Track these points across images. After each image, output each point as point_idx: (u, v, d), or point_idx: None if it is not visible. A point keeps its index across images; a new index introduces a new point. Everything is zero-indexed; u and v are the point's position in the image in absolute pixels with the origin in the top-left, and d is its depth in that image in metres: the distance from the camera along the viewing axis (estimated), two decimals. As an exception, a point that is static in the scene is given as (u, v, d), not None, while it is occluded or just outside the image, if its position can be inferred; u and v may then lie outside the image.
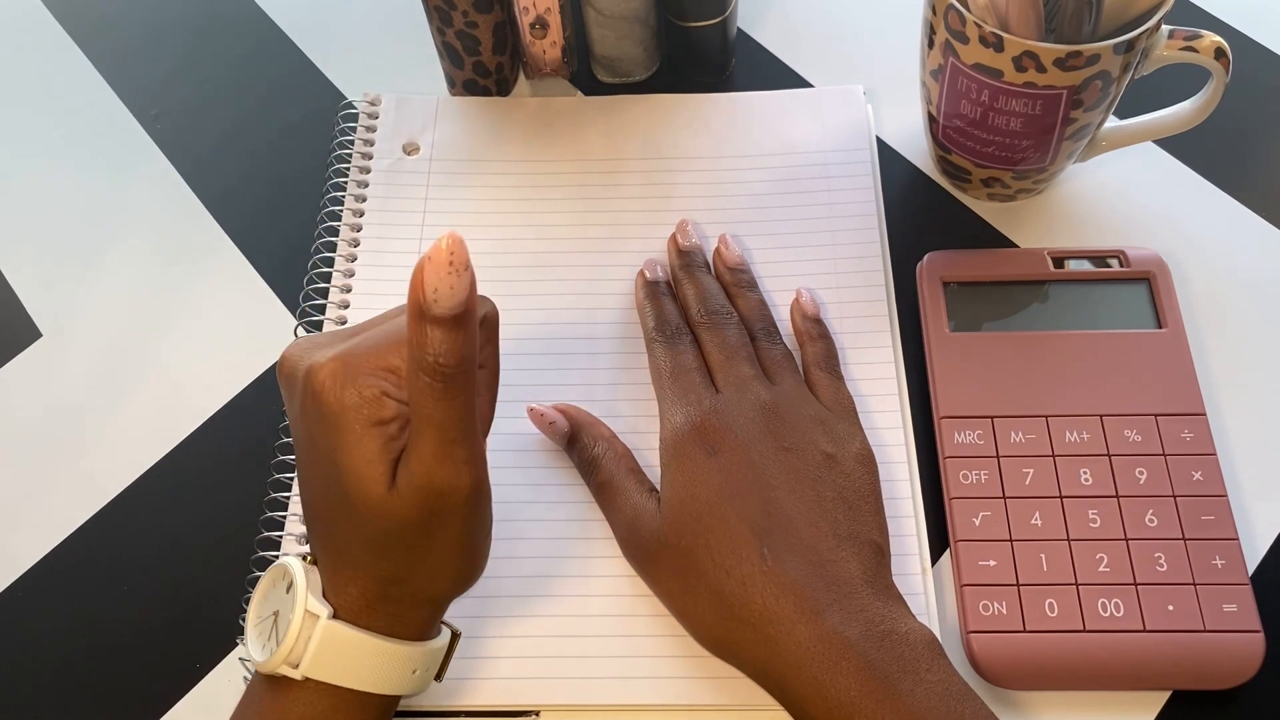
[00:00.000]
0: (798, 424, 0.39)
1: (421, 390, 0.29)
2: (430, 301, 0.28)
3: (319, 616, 0.31)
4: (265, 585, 0.34)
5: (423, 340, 0.29)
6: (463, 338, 0.29)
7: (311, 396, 0.31)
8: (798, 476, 0.37)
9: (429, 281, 0.28)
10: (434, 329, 0.29)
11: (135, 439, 0.45)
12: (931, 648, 0.34)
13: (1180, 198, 0.49)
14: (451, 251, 0.28)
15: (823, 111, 0.51)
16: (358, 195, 0.50)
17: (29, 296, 0.49)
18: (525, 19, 0.50)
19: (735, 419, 0.38)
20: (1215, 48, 0.41)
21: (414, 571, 0.32)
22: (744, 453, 0.37)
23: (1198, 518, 0.39)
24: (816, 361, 0.43)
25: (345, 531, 0.32)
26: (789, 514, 0.36)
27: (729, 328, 0.42)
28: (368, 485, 0.30)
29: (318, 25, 0.58)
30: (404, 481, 0.30)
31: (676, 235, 0.47)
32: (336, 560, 0.33)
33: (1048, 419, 0.41)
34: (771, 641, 0.34)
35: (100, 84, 0.57)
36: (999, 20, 0.41)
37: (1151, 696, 0.37)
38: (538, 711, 0.38)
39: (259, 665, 0.32)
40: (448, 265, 0.28)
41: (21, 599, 0.41)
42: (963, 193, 0.49)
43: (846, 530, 0.36)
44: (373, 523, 0.31)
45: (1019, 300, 0.44)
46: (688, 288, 0.44)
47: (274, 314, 0.48)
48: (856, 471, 0.38)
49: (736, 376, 0.40)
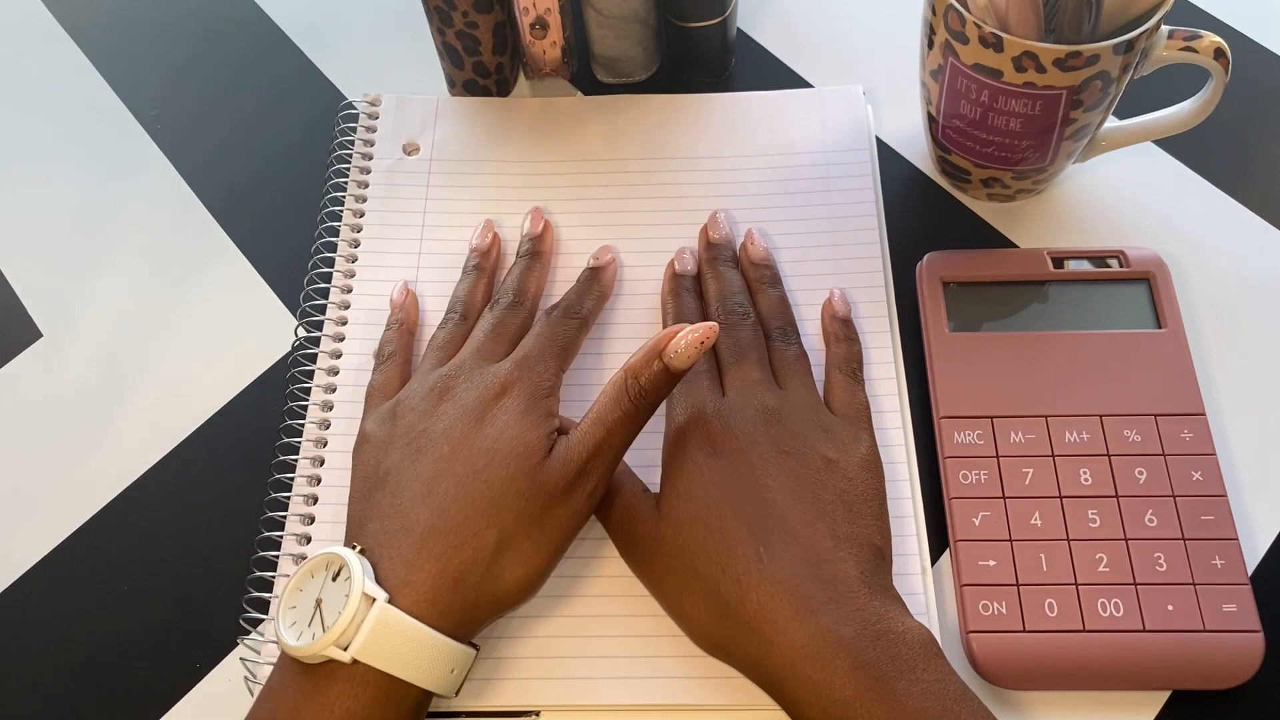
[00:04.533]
0: (800, 429, 0.39)
1: (613, 402, 0.37)
2: (672, 353, 0.36)
3: (375, 600, 0.33)
4: (302, 576, 0.35)
5: (643, 370, 0.36)
6: (669, 389, 0.37)
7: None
8: (797, 479, 0.37)
9: (684, 345, 0.36)
10: (659, 369, 0.36)
11: (135, 439, 0.45)
12: (929, 647, 0.34)
13: (1180, 198, 0.49)
14: (709, 339, 0.36)
15: (823, 112, 0.51)
16: (358, 195, 0.50)
17: (29, 296, 0.49)
18: (525, 19, 0.50)
19: (738, 422, 0.38)
20: (1215, 48, 0.41)
21: (512, 544, 0.35)
22: (744, 454, 0.38)
23: (1197, 518, 0.39)
24: (838, 363, 0.43)
25: (474, 494, 0.35)
26: (786, 515, 0.36)
27: (744, 328, 0.42)
28: (531, 450, 0.36)
29: (318, 26, 0.58)
30: (560, 452, 0.36)
31: (708, 227, 0.47)
32: (423, 544, 0.34)
33: (1047, 419, 0.41)
34: (766, 641, 0.34)
35: (101, 84, 0.57)
36: (999, 20, 0.41)
37: (1151, 696, 0.37)
38: (538, 711, 0.38)
39: (299, 651, 0.32)
40: (700, 345, 0.36)
41: (21, 599, 0.41)
42: (963, 193, 0.49)
43: (845, 532, 0.36)
44: (516, 482, 0.35)
45: (1019, 300, 0.44)
46: (711, 283, 0.45)
47: (274, 314, 0.48)
48: (859, 476, 0.38)
49: (744, 380, 0.40)
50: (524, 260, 0.46)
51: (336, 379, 0.45)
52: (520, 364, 0.39)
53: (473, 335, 0.42)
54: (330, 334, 0.46)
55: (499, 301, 0.43)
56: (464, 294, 0.45)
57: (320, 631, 0.32)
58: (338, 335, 0.46)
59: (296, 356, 0.46)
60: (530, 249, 0.46)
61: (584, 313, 0.43)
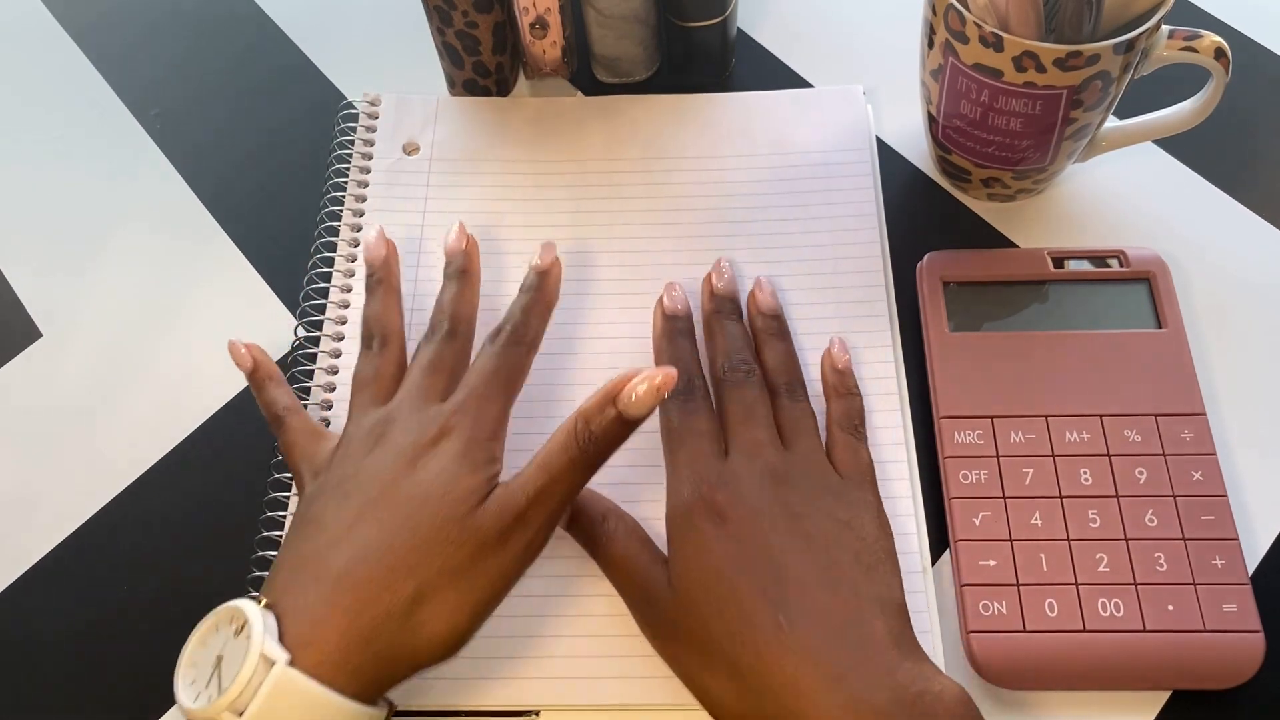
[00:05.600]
0: (809, 491, 0.37)
1: (560, 447, 0.35)
2: (628, 402, 0.34)
3: (275, 662, 0.30)
4: (207, 628, 0.33)
5: (594, 416, 0.34)
6: (623, 438, 0.35)
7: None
8: (810, 542, 0.35)
9: (642, 392, 0.34)
10: (613, 416, 0.34)
11: (135, 439, 0.45)
12: (966, 706, 0.32)
13: (1180, 198, 0.49)
14: (666, 386, 0.34)
15: (823, 112, 0.51)
16: (358, 195, 0.50)
17: (29, 296, 0.49)
18: (525, 19, 0.50)
19: (744, 487, 0.37)
20: (1215, 48, 0.41)
21: (433, 597, 0.33)
22: (753, 521, 0.36)
23: (1198, 518, 0.39)
24: (839, 420, 0.41)
25: (396, 541, 0.33)
26: (804, 579, 0.34)
27: (749, 386, 0.40)
28: (466, 495, 0.34)
29: (318, 25, 0.58)
30: (498, 498, 0.34)
31: (712, 275, 0.45)
32: (333, 595, 0.32)
33: (1048, 419, 0.41)
34: (795, 714, 0.32)
35: (100, 83, 0.57)
36: (999, 20, 0.41)
37: (1151, 696, 0.37)
38: (538, 711, 0.38)
39: (194, 713, 0.31)
40: (658, 392, 0.34)
41: (22, 598, 0.41)
42: (963, 193, 0.49)
43: (867, 591, 0.35)
44: (445, 529, 0.33)
45: (1019, 300, 0.44)
46: (717, 339, 0.42)
47: (274, 314, 0.48)
48: (872, 535, 0.37)
49: (749, 441, 0.38)
50: (452, 283, 0.42)
51: (336, 379, 0.45)
52: (461, 406, 0.37)
53: (408, 372, 0.40)
54: (330, 334, 0.46)
55: (434, 332, 0.40)
56: (375, 315, 0.42)
57: (216, 694, 0.30)
58: (338, 335, 0.46)
59: (296, 356, 0.45)
60: (457, 267, 0.43)
61: (530, 336, 0.40)
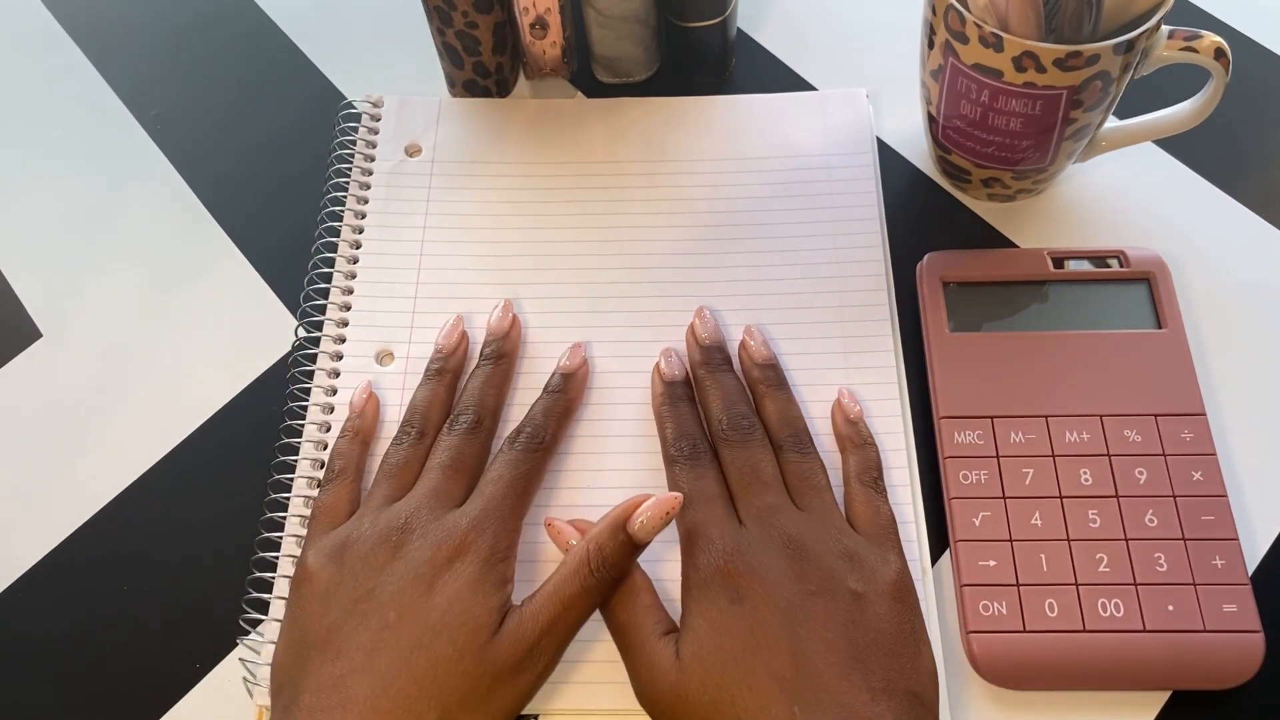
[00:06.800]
0: (824, 560, 0.36)
1: (573, 573, 0.35)
2: (637, 525, 0.35)
3: None
4: None
5: (607, 542, 0.35)
6: (635, 557, 0.36)
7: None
8: (827, 623, 0.34)
9: (650, 514, 0.35)
10: (624, 541, 0.35)
11: (135, 439, 0.45)
12: None
13: (1180, 198, 0.49)
14: (674, 510, 0.35)
15: (825, 115, 0.51)
16: (360, 196, 0.50)
17: (29, 296, 0.49)
18: (525, 19, 0.50)
19: (760, 559, 0.35)
20: (1215, 48, 0.41)
21: None
22: (770, 599, 0.34)
23: (1198, 518, 0.39)
24: (857, 473, 0.40)
25: (417, 671, 0.33)
26: (819, 666, 0.33)
27: (752, 445, 0.39)
28: (481, 627, 0.34)
29: (318, 26, 0.58)
30: (511, 628, 0.35)
31: (695, 326, 0.43)
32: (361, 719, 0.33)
33: (1048, 419, 0.41)
34: None
35: (100, 84, 0.57)
36: (999, 20, 0.41)
37: (1151, 696, 0.37)
38: (536, 716, 0.38)
39: None
40: (665, 516, 0.35)
41: (21, 599, 0.41)
42: (963, 193, 0.49)
43: (882, 681, 0.33)
44: (462, 662, 0.34)
45: (1019, 300, 0.44)
46: (711, 393, 0.41)
47: (274, 315, 0.48)
48: (889, 610, 0.35)
49: (761, 507, 0.37)
50: (486, 366, 0.42)
51: (337, 380, 0.45)
52: (477, 522, 0.36)
53: (428, 467, 0.39)
54: (330, 334, 0.46)
55: (457, 421, 0.40)
56: (422, 405, 0.42)
57: None
58: (338, 336, 0.46)
59: (296, 357, 0.46)
60: (495, 350, 0.43)
61: (548, 441, 0.40)
